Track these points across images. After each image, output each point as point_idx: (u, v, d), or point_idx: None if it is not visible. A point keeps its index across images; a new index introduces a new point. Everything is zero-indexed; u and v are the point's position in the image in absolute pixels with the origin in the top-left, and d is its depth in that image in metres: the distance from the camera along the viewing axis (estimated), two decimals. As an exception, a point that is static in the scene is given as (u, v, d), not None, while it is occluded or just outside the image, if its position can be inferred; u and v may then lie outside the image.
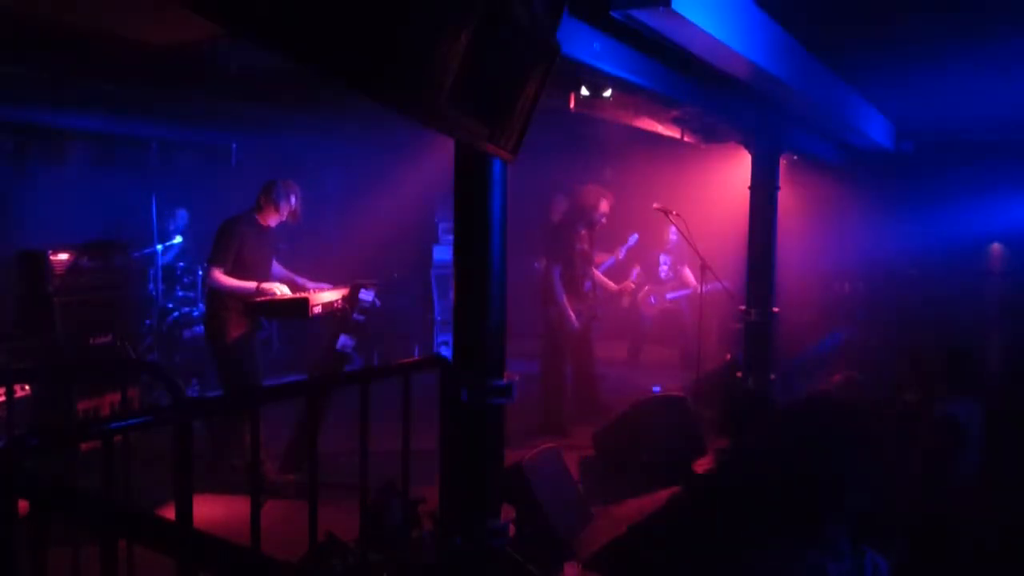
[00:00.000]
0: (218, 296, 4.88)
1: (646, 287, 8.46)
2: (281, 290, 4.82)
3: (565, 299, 6.21)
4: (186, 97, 6.50)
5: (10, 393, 4.26)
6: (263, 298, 4.75)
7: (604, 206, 6.32)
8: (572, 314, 6.23)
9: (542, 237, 7.03)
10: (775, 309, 6.45)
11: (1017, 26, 4.76)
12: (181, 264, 7.31)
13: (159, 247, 6.96)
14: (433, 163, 7.08)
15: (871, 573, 2.11)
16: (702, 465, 5.36)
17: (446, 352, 7.77)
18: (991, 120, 7.31)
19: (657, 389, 7.14)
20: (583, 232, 6.35)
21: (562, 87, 4.77)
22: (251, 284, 4.81)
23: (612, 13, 3.36)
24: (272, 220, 5.05)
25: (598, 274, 6.74)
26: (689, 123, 6.49)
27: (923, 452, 3.93)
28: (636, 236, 7.84)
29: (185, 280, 7.29)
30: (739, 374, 6.38)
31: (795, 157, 7.64)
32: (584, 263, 6.38)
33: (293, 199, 5.06)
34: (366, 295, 4.99)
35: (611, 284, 6.83)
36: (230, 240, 4.84)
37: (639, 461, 5.17)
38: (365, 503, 3.27)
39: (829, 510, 2.09)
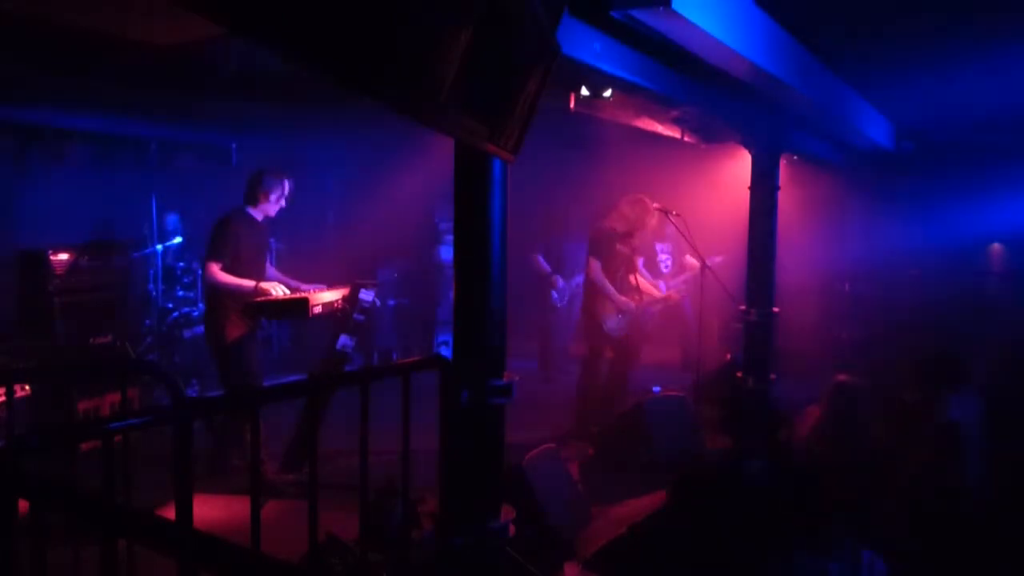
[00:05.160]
0: (218, 295, 4.87)
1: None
2: (279, 290, 4.81)
3: (612, 290, 6.15)
4: (186, 97, 6.50)
5: (10, 393, 4.26)
6: (263, 298, 4.74)
7: (651, 221, 6.28)
8: (624, 300, 6.19)
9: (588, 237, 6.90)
10: (775, 309, 6.44)
11: (1018, 26, 4.76)
12: (181, 264, 7.31)
13: (159, 247, 6.96)
14: (433, 163, 7.07)
15: (869, 573, 2.11)
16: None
17: (446, 352, 7.77)
18: (991, 120, 7.31)
19: (657, 389, 7.14)
20: (624, 237, 6.30)
21: (562, 87, 4.77)
22: (249, 282, 4.79)
23: (612, 13, 3.36)
24: (269, 210, 5.03)
25: (644, 280, 6.67)
26: (689, 123, 6.48)
27: (924, 454, 3.93)
28: None
29: (185, 280, 7.29)
30: (739, 374, 6.38)
31: (795, 157, 7.64)
32: (623, 265, 6.33)
33: (286, 183, 5.04)
34: (366, 295, 4.99)
35: (655, 291, 6.77)
36: (227, 236, 4.83)
37: (639, 461, 5.18)
38: (365, 503, 3.27)
39: (830, 511, 2.10)
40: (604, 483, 5.07)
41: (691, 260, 8.14)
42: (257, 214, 5.01)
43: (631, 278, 6.37)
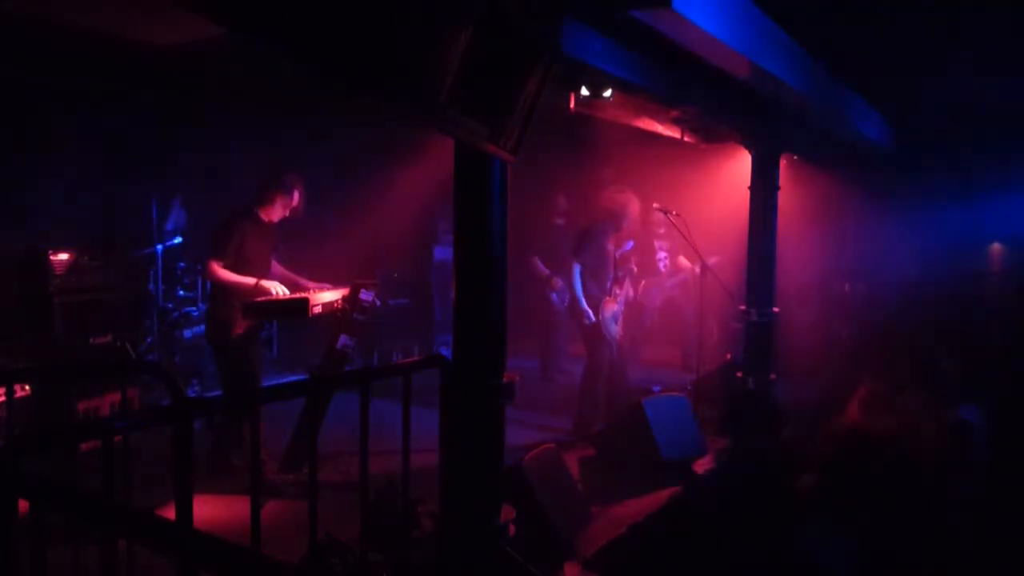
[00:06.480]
0: (221, 294, 4.87)
1: (643, 281, 8.37)
2: (279, 289, 4.81)
3: (582, 292, 6.13)
4: (186, 97, 6.51)
5: (10, 393, 4.26)
6: (263, 298, 4.73)
7: (634, 210, 6.27)
8: (588, 308, 6.19)
9: (571, 238, 6.90)
10: (775, 309, 6.44)
11: (1018, 25, 4.76)
12: (181, 264, 7.30)
13: (159, 247, 6.95)
14: (433, 163, 7.07)
15: (860, 553, 2.12)
16: (702, 465, 5.36)
17: (446, 352, 7.75)
18: (991, 119, 7.32)
19: (657, 389, 7.13)
20: (611, 235, 6.29)
21: (562, 87, 4.78)
22: (250, 280, 4.79)
23: (612, 13, 3.36)
24: (274, 215, 5.04)
25: (637, 283, 6.66)
26: (689, 123, 6.49)
27: (926, 453, 3.93)
28: (631, 243, 7.82)
29: (185, 280, 7.28)
30: (739, 374, 6.37)
31: (795, 157, 7.64)
32: (612, 264, 6.30)
33: (296, 193, 5.06)
34: (366, 295, 4.98)
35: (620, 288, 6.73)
36: (231, 233, 4.82)
37: (639, 461, 5.18)
38: (365, 503, 3.27)
39: (825, 505, 2.10)
40: (604, 483, 5.07)
41: (684, 261, 8.13)
42: (264, 215, 5.02)
43: (614, 281, 6.35)
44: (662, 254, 8.31)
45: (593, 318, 6.14)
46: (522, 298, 7.03)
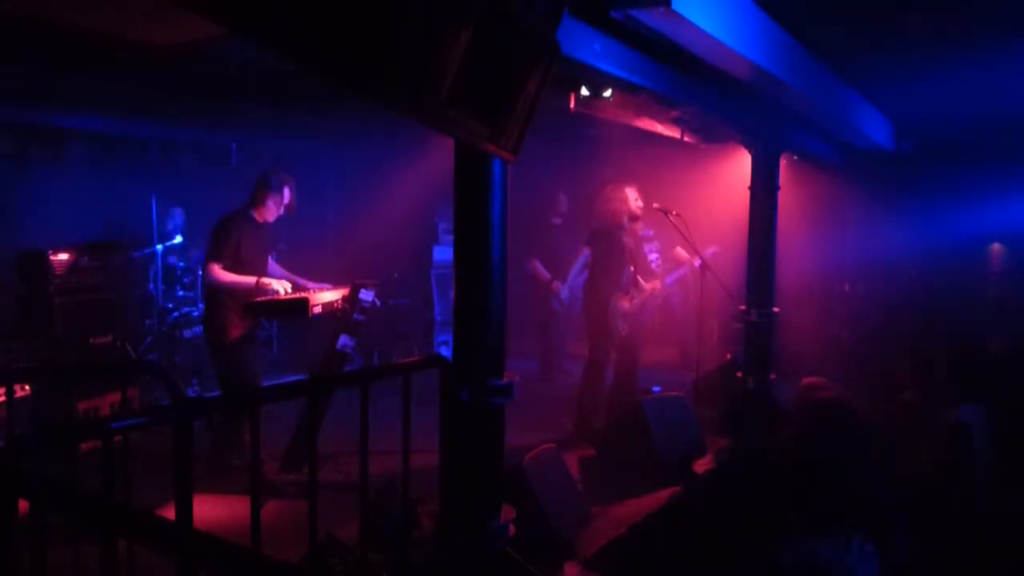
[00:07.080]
0: (217, 296, 4.87)
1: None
2: (282, 286, 4.81)
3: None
4: (186, 97, 6.50)
5: (10, 393, 4.27)
6: (263, 298, 4.74)
7: (636, 195, 6.27)
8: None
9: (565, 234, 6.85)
10: (775, 309, 6.44)
11: (1017, 25, 4.76)
12: (181, 264, 7.31)
13: (159, 247, 6.96)
14: (433, 163, 7.07)
15: (859, 555, 2.12)
16: (702, 465, 5.36)
17: (446, 352, 7.76)
18: (991, 120, 7.31)
19: (657, 389, 7.13)
20: (626, 228, 6.28)
21: (562, 87, 4.77)
22: (251, 279, 4.79)
23: (612, 13, 3.36)
24: (269, 215, 5.04)
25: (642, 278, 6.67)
26: (689, 123, 6.48)
27: (929, 453, 3.94)
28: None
29: (185, 280, 7.29)
30: (739, 374, 6.37)
31: (795, 157, 7.64)
32: (627, 262, 6.25)
33: (287, 191, 5.06)
34: (366, 295, 4.98)
35: (645, 285, 6.72)
36: (229, 235, 4.83)
37: (639, 461, 5.18)
38: (365, 503, 3.27)
39: (825, 503, 2.10)
40: (604, 483, 5.07)
41: (682, 252, 8.11)
42: (259, 216, 5.02)
43: (633, 272, 6.33)
44: (653, 255, 8.30)
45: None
46: (522, 298, 7.03)
